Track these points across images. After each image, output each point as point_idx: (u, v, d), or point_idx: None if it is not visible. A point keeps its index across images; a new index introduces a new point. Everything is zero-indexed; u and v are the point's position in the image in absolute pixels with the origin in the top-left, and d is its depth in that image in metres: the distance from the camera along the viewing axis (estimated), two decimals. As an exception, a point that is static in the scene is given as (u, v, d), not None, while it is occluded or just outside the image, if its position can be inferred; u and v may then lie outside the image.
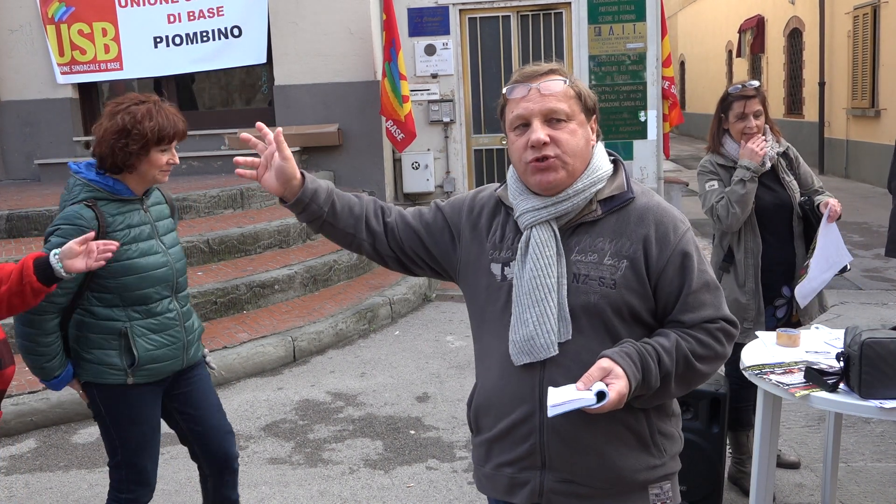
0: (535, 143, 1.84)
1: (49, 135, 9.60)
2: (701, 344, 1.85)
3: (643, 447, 1.91)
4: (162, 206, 3.09)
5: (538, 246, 1.87)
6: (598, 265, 1.85)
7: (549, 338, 1.83)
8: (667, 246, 1.86)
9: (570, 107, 1.87)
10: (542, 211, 1.89)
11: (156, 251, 2.94)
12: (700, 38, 25.25)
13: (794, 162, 3.84)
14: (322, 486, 4.15)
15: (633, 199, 1.91)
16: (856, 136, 14.38)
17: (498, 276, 1.95)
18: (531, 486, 1.92)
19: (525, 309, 1.86)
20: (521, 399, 1.89)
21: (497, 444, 1.96)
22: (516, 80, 1.93)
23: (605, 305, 1.84)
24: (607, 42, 9.67)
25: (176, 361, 3.01)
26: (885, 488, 3.87)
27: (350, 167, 9.45)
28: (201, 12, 9.21)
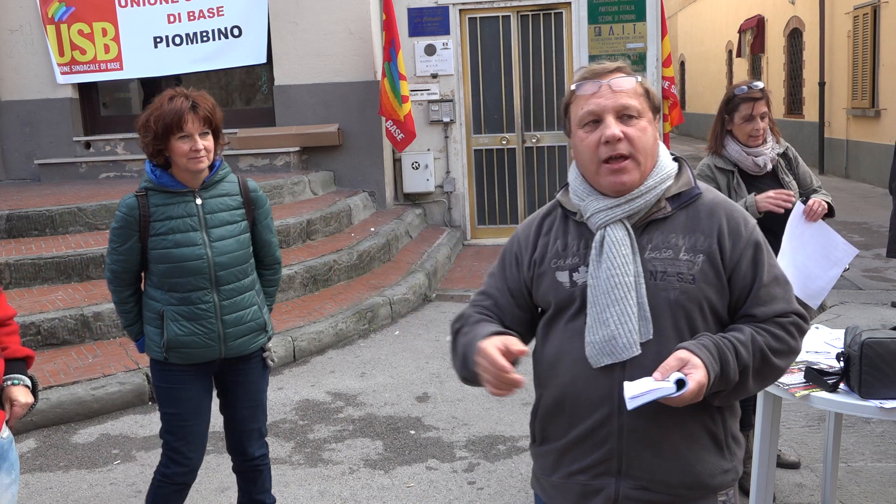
0: (611, 137, 1.81)
1: (49, 135, 9.60)
2: (775, 338, 1.82)
3: (718, 450, 1.87)
4: (226, 199, 3.16)
5: (613, 245, 1.83)
6: (675, 261, 1.83)
7: (630, 337, 1.79)
8: (739, 238, 1.85)
9: (641, 104, 1.85)
10: (615, 210, 1.86)
11: (194, 243, 3.07)
12: (700, 38, 25.24)
13: (793, 162, 3.83)
14: (322, 486, 4.16)
15: (700, 195, 1.90)
16: (856, 136, 14.38)
17: (566, 283, 1.90)
18: (605, 493, 1.86)
19: (603, 309, 1.82)
20: (599, 402, 1.84)
21: (569, 451, 1.91)
22: (584, 76, 1.89)
23: (685, 301, 1.81)
24: (607, 42, 9.67)
25: (210, 350, 3.13)
26: (886, 488, 3.87)
27: (350, 167, 9.45)
28: (201, 12, 9.21)
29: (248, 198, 3.22)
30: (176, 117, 2.95)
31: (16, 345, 2.55)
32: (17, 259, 6.29)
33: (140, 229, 3.05)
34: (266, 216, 3.30)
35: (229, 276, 3.13)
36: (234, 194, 3.19)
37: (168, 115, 2.95)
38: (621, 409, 1.80)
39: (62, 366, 5.35)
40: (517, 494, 3.98)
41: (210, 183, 3.13)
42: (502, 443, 4.55)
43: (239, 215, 3.18)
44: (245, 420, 3.30)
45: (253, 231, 3.26)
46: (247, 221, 3.21)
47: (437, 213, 10.23)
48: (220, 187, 3.16)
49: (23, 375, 2.51)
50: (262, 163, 9.08)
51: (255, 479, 3.41)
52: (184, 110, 2.96)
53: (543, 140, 10.06)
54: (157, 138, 2.98)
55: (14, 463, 2.48)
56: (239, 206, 3.19)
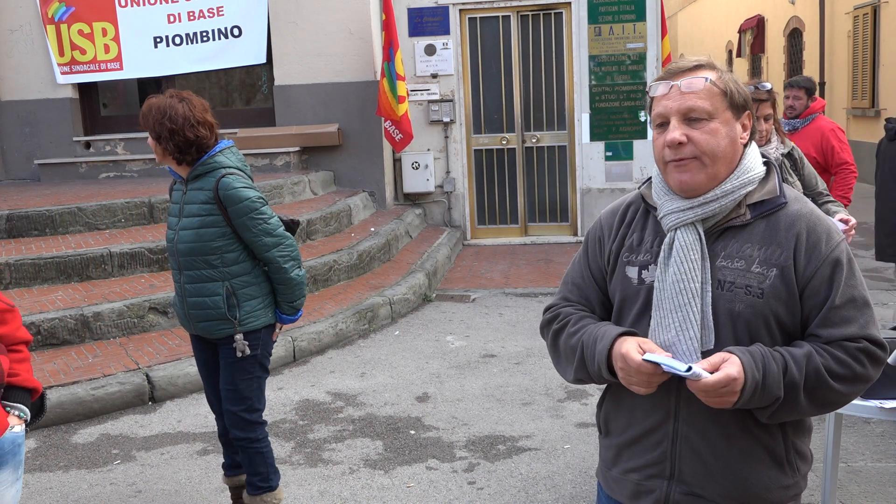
0: (670, 142, 1.78)
1: (49, 135, 9.60)
2: (837, 361, 1.72)
3: (778, 466, 1.82)
4: (199, 193, 3.39)
5: (682, 249, 1.79)
6: (746, 272, 1.77)
7: (691, 345, 1.76)
8: (817, 255, 1.76)
9: (713, 104, 1.78)
10: (687, 212, 1.80)
11: (171, 227, 3.47)
12: (700, 38, 25.23)
13: (798, 163, 3.82)
14: (322, 486, 4.15)
15: (785, 205, 1.81)
16: (856, 135, 14.38)
17: (634, 279, 1.88)
18: (656, 495, 1.86)
19: (667, 314, 1.79)
20: (657, 406, 1.83)
21: (627, 449, 1.91)
22: (661, 76, 1.86)
23: (750, 315, 1.75)
24: (607, 42, 9.67)
25: (185, 323, 3.56)
26: (886, 488, 3.87)
27: (350, 167, 9.45)
28: (201, 12, 9.21)
29: (216, 195, 3.35)
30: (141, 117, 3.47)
31: (25, 373, 2.52)
32: (17, 259, 6.29)
33: None
34: (240, 215, 3.35)
35: (189, 262, 3.42)
36: (207, 189, 3.38)
37: None
38: (677, 416, 1.80)
39: (62, 366, 5.35)
40: (517, 494, 3.98)
41: (193, 176, 3.41)
42: (502, 443, 4.55)
43: (206, 210, 3.37)
44: (225, 398, 3.55)
45: (234, 229, 3.39)
46: (218, 217, 3.37)
47: (437, 213, 10.23)
48: (203, 180, 3.40)
49: (23, 406, 2.48)
50: (262, 163, 9.08)
51: (244, 458, 3.61)
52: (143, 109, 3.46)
53: (543, 140, 10.05)
54: None
55: (21, 462, 2.49)
56: (209, 202, 3.37)
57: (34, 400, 2.57)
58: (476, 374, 5.65)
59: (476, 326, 6.75)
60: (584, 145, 9.84)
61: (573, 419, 4.80)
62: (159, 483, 4.23)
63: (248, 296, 3.44)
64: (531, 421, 4.82)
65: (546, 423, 4.78)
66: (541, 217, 10.25)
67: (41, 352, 5.49)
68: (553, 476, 4.14)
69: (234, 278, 3.41)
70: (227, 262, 3.40)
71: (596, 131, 9.78)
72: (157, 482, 4.21)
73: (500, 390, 5.33)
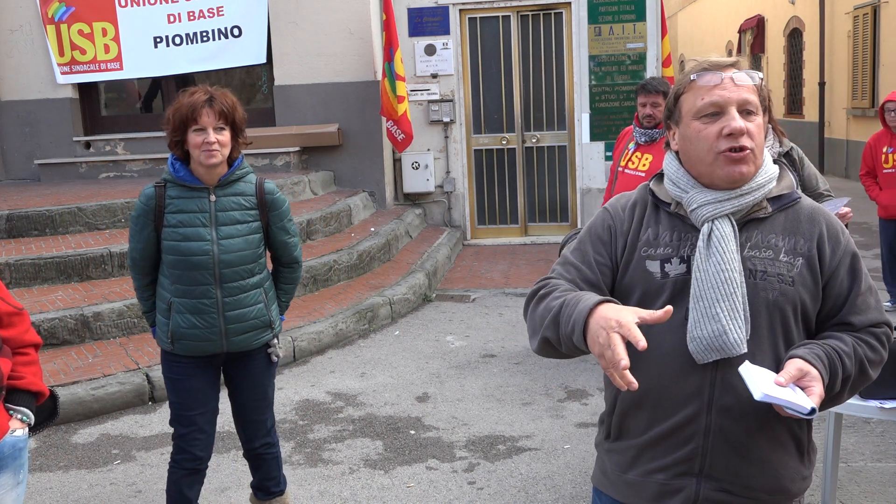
0: (736, 130, 1.77)
1: (49, 135, 9.60)
2: (872, 349, 1.83)
3: (800, 455, 1.87)
4: (240, 199, 3.23)
5: (722, 240, 1.79)
6: (775, 261, 1.81)
7: (740, 333, 1.76)
8: (839, 246, 1.85)
9: (758, 101, 1.84)
10: (724, 204, 1.81)
11: (201, 238, 3.15)
12: (700, 38, 25.23)
13: (797, 163, 3.81)
14: (322, 486, 4.15)
15: (800, 199, 1.90)
16: (856, 136, 14.37)
17: (657, 273, 1.85)
18: (685, 493, 1.82)
19: (712, 304, 1.77)
20: (687, 399, 1.80)
21: (649, 448, 1.86)
22: (705, 67, 1.86)
23: (783, 303, 1.80)
24: (607, 42, 9.67)
25: (211, 344, 3.23)
26: (886, 488, 3.87)
27: (350, 167, 9.45)
28: (201, 12, 9.21)
29: (262, 199, 3.27)
30: (191, 110, 3.06)
31: (31, 376, 2.49)
32: (17, 259, 6.29)
33: (155, 219, 3.17)
34: (281, 219, 3.35)
35: (234, 274, 3.21)
36: (248, 195, 3.25)
37: (185, 108, 3.07)
38: (710, 407, 1.79)
39: (62, 366, 5.35)
40: (517, 494, 3.98)
41: (226, 181, 3.20)
42: (502, 443, 4.55)
43: (251, 216, 3.25)
44: (249, 411, 3.43)
45: (268, 232, 3.32)
46: (259, 223, 3.27)
47: (436, 213, 10.23)
48: (236, 186, 3.23)
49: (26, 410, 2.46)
50: (262, 163, 9.08)
51: (259, 465, 3.56)
52: (198, 103, 3.06)
53: (543, 140, 10.06)
54: (175, 130, 3.10)
55: (24, 465, 2.46)
56: (252, 207, 3.25)
57: (41, 403, 2.55)
58: (476, 374, 5.65)
59: (476, 326, 6.75)
60: (584, 145, 9.84)
61: (573, 419, 4.80)
62: (159, 483, 4.22)
63: (273, 299, 3.42)
64: (531, 421, 4.82)
65: (546, 423, 4.78)
66: (541, 217, 10.25)
67: (42, 352, 5.46)
68: (553, 476, 4.14)
69: (264, 283, 3.36)
70: (262, 267, 3.35)
71: (596, 131, 9.78)
72: (157, 482, 4.21)
73: (500, 390, 5.33)
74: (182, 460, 3.32)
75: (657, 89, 4.83)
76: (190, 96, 3.10)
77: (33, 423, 2.49)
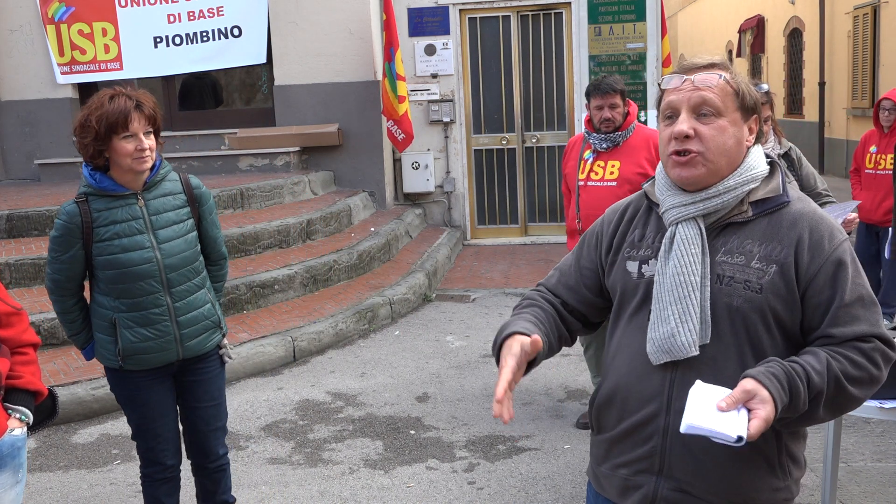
0: (677, 134, 1.78)
1: (49, 135, 9.60)
2: (854, 364, 1.71)
3: (769, 468, 1.80)
4: (169, 198, 3.09)
5: (683, 243, 1.80)
6: (745, 268, 1.77)
7: (690, 337, 1.76)
8: (820, 253, 1.75)
9: (724, 102, 1.79)
10: (689, 207, 1.81)
11: (141, 246, 3.00)
12: (700, 38, 25.23)
13: (795, 163, 3.83)
14: (322, 486, 4.15)
15: (787, 204, 1.82)
16: (856, 136, 14.36)
17: (634, 273, 1.89)
18: (644, 490, 1.85)
19: (666, 306, 1.79)
20: (649, 399, 1.82)
21: (617, 444, 1.90)
22: (675, 70, 1.86)
23: (748, 310, 1.75)
24: (607, 42, 9.67)
25: (167, 354, 3.11)
26: (886, 488, 3.87)
27: (350, 167, 9.45)
28: (201, 12, 9.21)
29: (191, 195, 3.16)
30: (122, 116, 2.88)
31: (29, 376, 2.49)
32: (17, 259, 6.29)
33: (83, 236, 2.96)
34: (211, 212, 3.24)
35: (180, 276, 3.09)
36: (177, 193, 3.12)
37: (113, 115, 2.87)
38: (669, 409, 1.79)
39: (62, 366, 5.35)
40: (517, 494, 3.98)
41: (152, 183, 3.05)
42: (502, 443, 4.55)
43: (184, 214, 3.13)
44: (210, 419, 3.29)
45: (199, 228, 3.21)
46: (192, 220, 3.16)
47: (436, 213, 10.23)
48: (162, 187, 3.09)
49: (24, 409, 2.46)
50: (262, 163, 9.08)
51: (220, 479, 3.40)
52: (129, 109, 2.89)
53: (543, 140, 10.06)
54: (99, 139, 2.89)
55: (22, 464, 2.47)
56: (183, 205, 3.13)
57: (39, 403, 2.56)
58: (476, 374, 5.65)
59: (476, 326, 6.75)
60: (584, 145, 9.82)
61: (573, 419, 4.80)
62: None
63: (215, 298, 3.32)
64: (531, 421, 4.82)
65: (546, 423, 4.78)
66: (541, 217, 10.25)
67: (41, 352, 5.46)
68: (553, 476, 4.14)
69: (206, 282, 3.25)
70: (202, 266, 3.24)
71: (596, 131, 9.76)
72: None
73: (500, 390, 5.33)
74: (153, 472, 3.25)
75: (613, 88, 4.29)
76: (112, 101, 2.90)
77: (32, 422, 2.50)
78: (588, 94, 4.43)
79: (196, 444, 3.32)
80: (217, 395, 3.30)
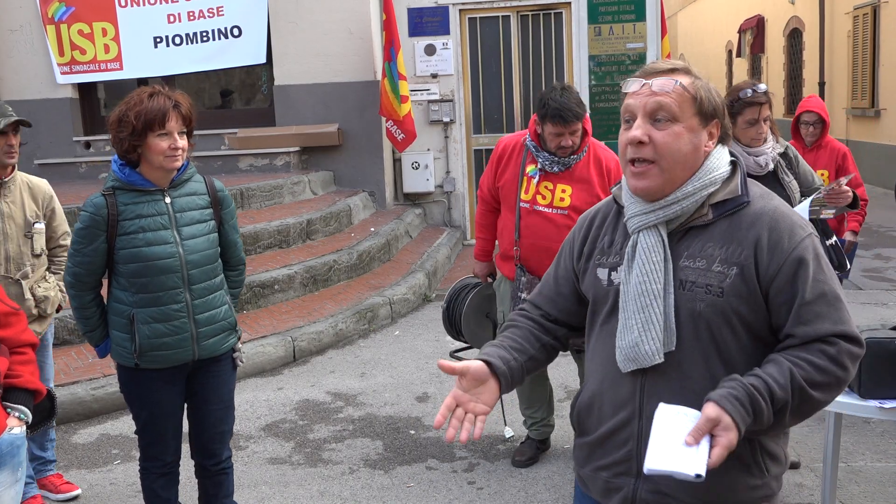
0: (631, 139, 1.79)
1: (49, 135, 9.59)
2: (818, 370, 1.69)
3: (744, 468, 1.80)
4: (194, 198, 3.15)
5: (644, 252, 1.80)
6: (706, 272, 1.76)
7: (654, 345, 1.77)
8: (779, 252, 1.74)
9: (681, 108, 1.78)
10: (650, 215, 1.82)
11: (165, 241, 3.04)
12: (700, 38, 25.24)
13: (793, 161, 3.84)
14: (322, 486, 4.15)
15: (747, 204, 1.80)
16: (856, 136, 14.38)
17: (604, 280, 1.91)
18: (624, 492, 1.88)
19: (630, 315, 1.80)
20: (622, 405, 1.85)
21: (597, 447, 1.93)
22: (636, 75, 1.87)
23: (711, 314, 1.75)
24: (607, 42, 9.67)
25: (182, 352, 3.12)
26: (886, 488, 3.87)
27: (350, 167, 9.45)
28: (201, 12, 9.21)
29: (215, 197, 3.21)
30: (160, 114, 2.94)
31: (28, 375, 2.50)
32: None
33: (108, 228, 3.01)
34: (232, 216, 3.29)
35: (201, 274, 3.12)
36: (202, 193, 3.18)
37: (151, 112, 2.93)
38: (642, 414, 1.81)
39: (62, 366, 5.35)
40: (517, 494, 3.98)
41: (178, 182, 3.11)
42: (502, 443, 4.55)
43: (207, 214, 3.18)
44: (217, 422, 3.29)
45: (219, 231, 3.24)
46: (214, 221, 3.21)
47: (436, 213, 10.23)
48: (187, 186, 3.15)
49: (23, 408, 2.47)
50: (262, 163, 9.08)
51: (222, 482, 3.40)
52: (168, 108, 2.96)
53: (543, 140, 10.04)
54: (136, 134, 2.94)
55: (21, 463, 2.48)
56: (207, 206, 3.18)
57: (38, 402, 2.57)
58: (476, 374, 5.65)
59: (476, 326, 6.75)
60: (584, 145, 9.82)
61: (573, 419, 4.80)
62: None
63: (230, 300, 3.34)
64: (531, 421, 4.82)
65: (546, 423, 4.78)
66: (541, 217, 10.23)
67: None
68: (553, 476, 4.14)
69: (224, 284, 3.29)
70: (221, 268, 3.27)
71: (596, 131, 9.71)
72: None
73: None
74: (152, 467, 3.27)
75: (578, 117, 3.87)
76: (151, 99, 2.97)
77: (31, 420, 2.51)
78: (544, 118, 3.88)
79: (201, 445, 3.32)
80: (227, 397, 3.32)
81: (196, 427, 3.31)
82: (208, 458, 3.34)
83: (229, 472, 3.41)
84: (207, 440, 3.31)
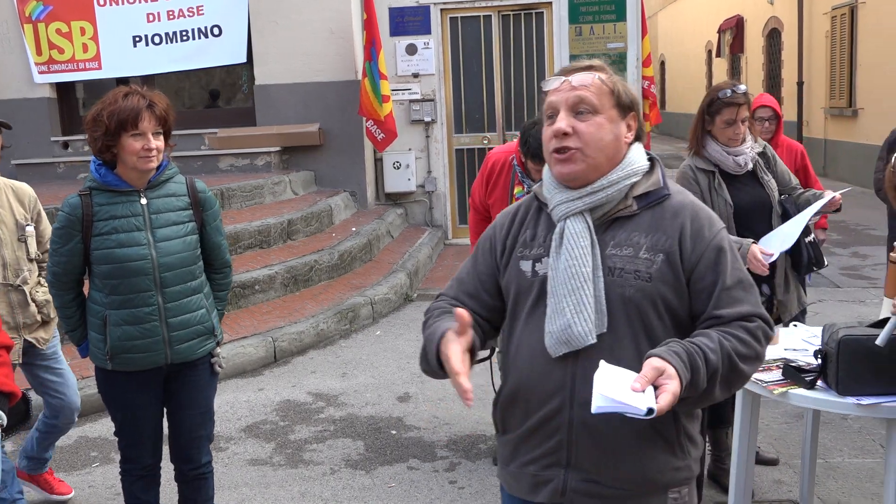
0: (556, 131, 1.87)
1: (27, 135, 9.48)
2: (743, 343, 1.80)
3: (669, 449, 1.87)
4: (172, 199, 3.08)
5: (573, 237, 1.86)
6: (634, 259, 1.85)
7: (586, 326, 1.81)
8: (701, 241, 1.86)
9: (601, 100, 1.88)
10: (576, 202, 1.89)
11: (138, 243, 2.99)
12: (680, 38, 25.37)
13: (771, 161, 3.86)
14: (303, 486, 4.14)
15: (668, 196, 1.92)
16: (834, 135, 14.51)
17: (528, 272, 1.94)
18: (554, 484, 1.89)
19: (561, 299, 1.84)
20: (552, 394, 1.86)
21: (524, 442, 1.94)
22: (555, 73, 1.96)
23: (640, 299, 1.83)
24: (588, 42, 9.71)
25: (154, 355, 3.06)
26: (863, 484, 3.91)
27: (331, 167, 9.42)
28: (181, 11, 9.16)
29: (195, 198, 3.15)
30: (132, 114, 2.90)
31: (3, 377, 2.46)
32: None
33: (83, 229, 2.99)
34: (215, 218, 3.22)
35: (175, 277, 3.06)
36: (181, 195, 3.12)
37: (124, 112, 2.90)
38: (573, 401, 1.83)
39: (40, 368, 5.29)
40: (498, 493, 3.98)
41: (156, 183, 3.06)
42: (483, 442, 4.55)
43: (186, 216, 3.11)
44: (194, 427, 3.25)
45: (202, 233, 3.18)
46: (194, 223, 3.14)
47: (418, 213, 10.23)
48: (166, 187, 3.09)
49: None
50: (243, 163, 9.04)
51: (200, 487, 3.35)
52: (141, 108, 2.92)
53: (524, 140, 10.06)
54: (109, 134, 2.91)
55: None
56: (186, 207, 3.11)
57: (13, 405, 2.53)
58: (458, 373, 5.65)
59: (458, 326, 6.75)
60: (565, 145, 9.85)
61: (554, 418, 4.81)
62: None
63: (212, 306, 3.28)
64: (513, 420, 4.82)
65: (527, 421, 4.79)
66: (522, 216, 10.25)
67: (19, 354, 5.42)
68: (534, 475, 4.15)
69: (204, 288, 3.22)
70: (201, 271, 3.20)
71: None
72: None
73: (482, 389, 5.30)
74: (131, 469, 3.23)
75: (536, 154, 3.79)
76: (126, 99, 2.92)
77: (6, 423, 2.48)
78: (525, 154, 3.91)
79: (179, 450, 3.29)
80: (204, 403, 3.27)
81: (174, 432, 3.27)
82: (186, 463, 3.30)
83: (209, 476, 3.37)
84: (185, 445, 3.26)
